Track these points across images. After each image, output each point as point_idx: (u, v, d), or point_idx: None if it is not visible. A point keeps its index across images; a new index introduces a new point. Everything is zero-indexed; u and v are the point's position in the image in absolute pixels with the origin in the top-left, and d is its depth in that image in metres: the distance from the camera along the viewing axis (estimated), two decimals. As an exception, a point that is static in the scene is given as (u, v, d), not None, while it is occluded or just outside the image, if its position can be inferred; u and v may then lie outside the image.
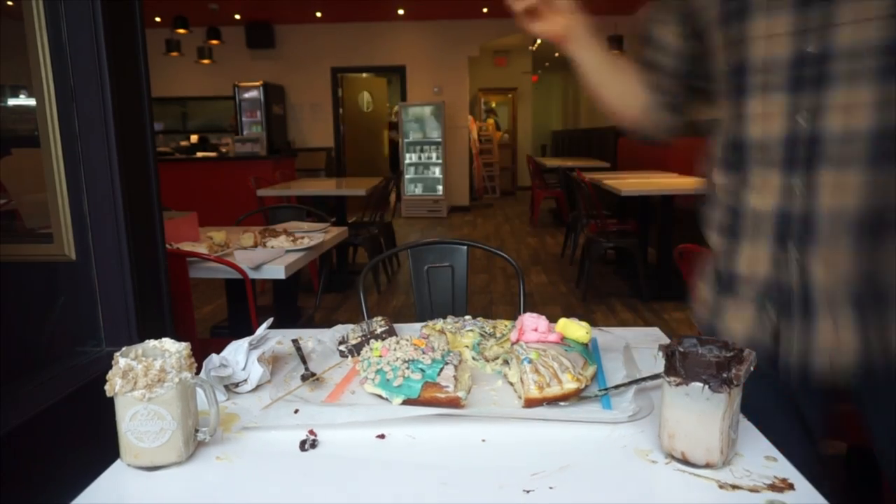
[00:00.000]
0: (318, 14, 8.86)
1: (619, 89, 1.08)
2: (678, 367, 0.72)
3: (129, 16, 1.36)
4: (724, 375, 0.69)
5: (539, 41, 10.43)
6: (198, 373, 0.81)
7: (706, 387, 0.69)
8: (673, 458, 0.74)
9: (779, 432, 0.80)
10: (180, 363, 0.74)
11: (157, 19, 8.39)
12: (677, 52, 1.03)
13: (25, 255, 1.36)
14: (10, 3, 1.32)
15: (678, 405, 0.72)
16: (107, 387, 0.72)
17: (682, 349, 0.72)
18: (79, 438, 1.13)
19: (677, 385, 0.71)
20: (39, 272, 1.36)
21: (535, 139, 13.86)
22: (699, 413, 0.71)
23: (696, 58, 1.00)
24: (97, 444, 0.84)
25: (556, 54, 13.28)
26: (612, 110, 1.10)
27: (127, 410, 0.72)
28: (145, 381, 0.71)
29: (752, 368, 0.72)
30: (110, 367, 0.73)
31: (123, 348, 0.75)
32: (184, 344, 0.79)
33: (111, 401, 0.73)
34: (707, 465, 0.71)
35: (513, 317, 1.09)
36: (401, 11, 8.74)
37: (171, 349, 0.78)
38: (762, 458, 0.74)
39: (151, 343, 0.79)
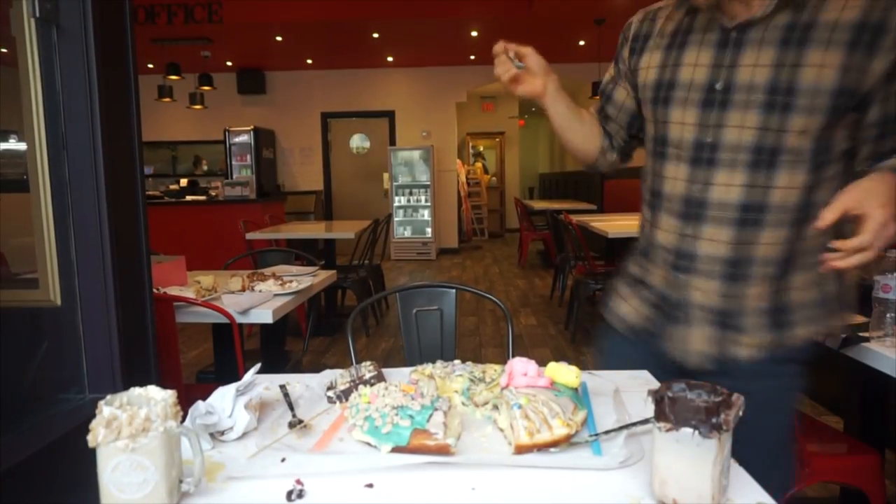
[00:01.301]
0: (309, 61, 9.04)
1: (581, 134, 1.37)
2: (668, 412, 0.71)
3: (122, 63, 1.38)
4: (714, 420, 0.69)
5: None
6: (183, 420, 0.80)
7: (696, 432, 0.69)
8: (665, 504, 0.73)
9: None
10: (166, 412, 0.73)
11: (150, 66, 8.52)
12: (627, 109, 1.34)
13: (9, 300, 1.35)
14: (4, 49, 1.34)
15: (669, 451, 0.71)
16: (89, 437, 0.70)
17: (671, 394, 0.72)
18: (60, 489, 1.10)
19: (667, 431, 0.71)
20: (23, 317, 1.34)
21: (522, 182, 14.02)
22: (690, 459, 0.70)
23: (639, 116, 1.32)
24: (80, 495, 0.82)
25: (542, 100, 13.56)
26: (575, 151, 1.39)
27: (109, 461, 0.70)
28: (129, 431, 0.69)
29: (741, 413, 0.72)
30: (93, 415, 0.71)
31: (108, 396, 0.74)
32: (170, 392, 0.78)
33: (94, 450, 0.72)
34: (699, 512, 0.70)
35: (502, 359, 1.09)
36: (389, 58, 8.94)
37: (156, 397, 0.77)
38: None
39: (137, 391, 0.78)
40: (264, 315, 2.13)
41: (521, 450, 0.85)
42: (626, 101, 1.32)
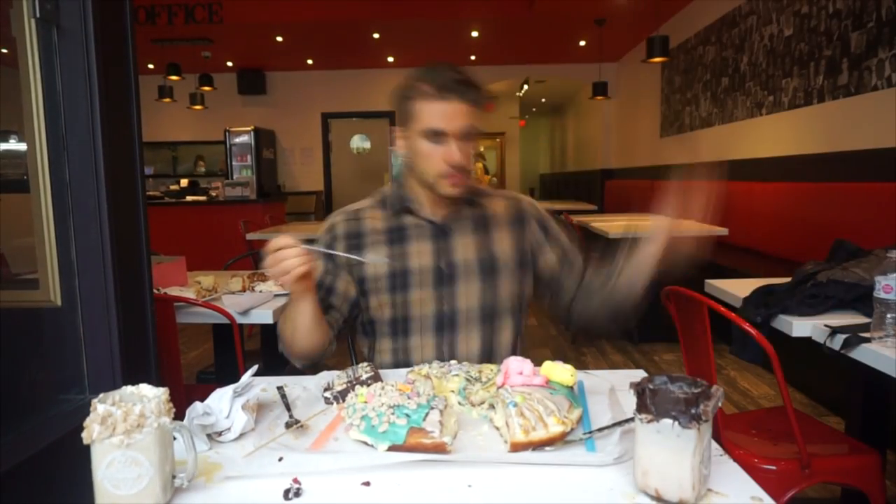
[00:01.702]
0: (310, 61, 9.05)
1: (321, 332, 1.34)
2: (649, 404, 0.73)
3: (122, 64, 1.38)
4: (693, 411, 0.70)
5: (526, 87, 10.68)
6: (177, 419, 0.80)
7: (676, 423, 0.71)
8: (647, 495, 0.74)
9: None
10: (159, 408, 0.73)
11: (151, 66, 8.54)
12: (349, 298, 1.43)
13: (9, 300, 1.35)
14: (4, 50, 1.34)
15: (650, 442, 0.73)
16: (84, 433, 0.71)
17: (651, 386, 0.74)
18: (61, 490, 1.10)
19: (648, 422, 0.73)
20: (23, 318, 1.35)
21: (523, 182, 14.03)
22: (670, 449, 0.72)
23: (357, 303, 1.44)
24: (80, 496, 0.82)
25: (543, 100, 13.58)
26: (311, 350, 1.36)
27: (103, 458, 0.71)
28: (124, 427, 0.70)
29: (719, 404, 0.73)
30: (91, 414, 0.72)
31: (101, 395, 0.75)
32: (162, 389, 0.78)
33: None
34: (680, 502, 0.72)
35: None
36: (390, 59, 8.95)
37: (148, 394, 0.78)
38: (748, 499, 0.74)
39: (129, 389, 0.79)
40: (265, 315, 2.13)
41: (516, 447, 0.85)
42: (349, 289, 1.42)
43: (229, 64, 9.06)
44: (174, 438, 0.79)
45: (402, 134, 1.37)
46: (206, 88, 8.25)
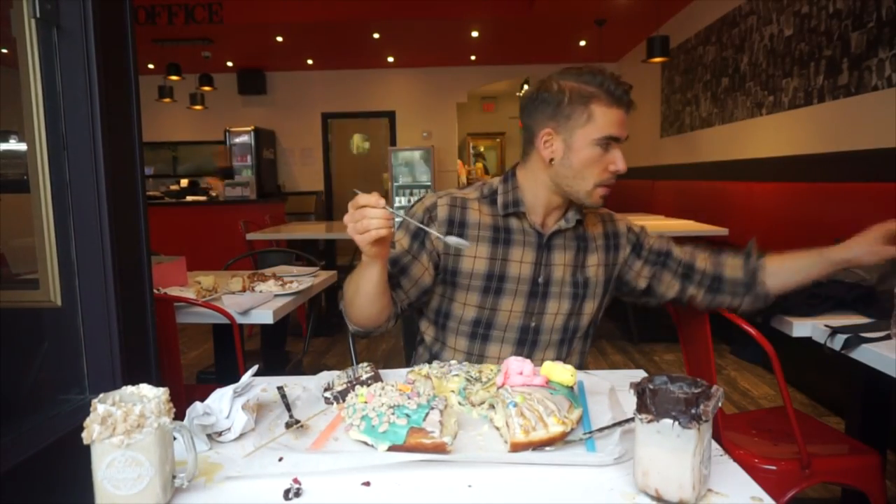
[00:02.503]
0: (310, 61, 9.05)
1: (382, 303, 1.29)
2: (649, 404, 0.73)
3: (122, 64, 1.38)
4: (693, 411, 0.70)
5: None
6: (177, 419, 0.80)
7: (676, 423, 0.71)
8: (647, 495, 0.74)
9: None
10: (159, 408, 0.73)
11: (151, 66, 8.53)
12: (422, 285, 1.37)
13: (10, 301, 1.35)
14: (4, 50, 1.34)
15: (651, 442, 0.73)
16: (84, 434, 0.71)
17: (652, 386, 0.74)
18: (61, 490, 1.10)
19: (648, 422, 0.73)
20: (23, 318, 1.35)
21: (523, 182, 14.00)
22: (671, 449, 0.72)
23: (429, 291, 1.40)
24: (80, 496, 0.82)
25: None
26: (368, 318, 1.31)
27: (104, 458, 0.71)
28: (124, 427, 0.70)
29: (719, 404, 0.73)
30: (91, 414, 0.72)
31: (101, 395, 0.75)
32: (162, 389, 0.78)
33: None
34: (680, 502, 0.72)
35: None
36: (390, 59, 8.94)
37: (148, 394, 0.78)
38: (748, 499, 0.74)
39: (129, 389, 0.79)
40: (265, 316, 2.13)
41: (516, 447, 0.85)
42: (424, 277, 1.36)
43: (229, 64, 9.05)
44: (174, 438, 0.79)
45: (556, 135, 1.30)
46: (206, 88, 8.25)
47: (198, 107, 8.44)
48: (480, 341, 1.39)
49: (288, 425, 0.96)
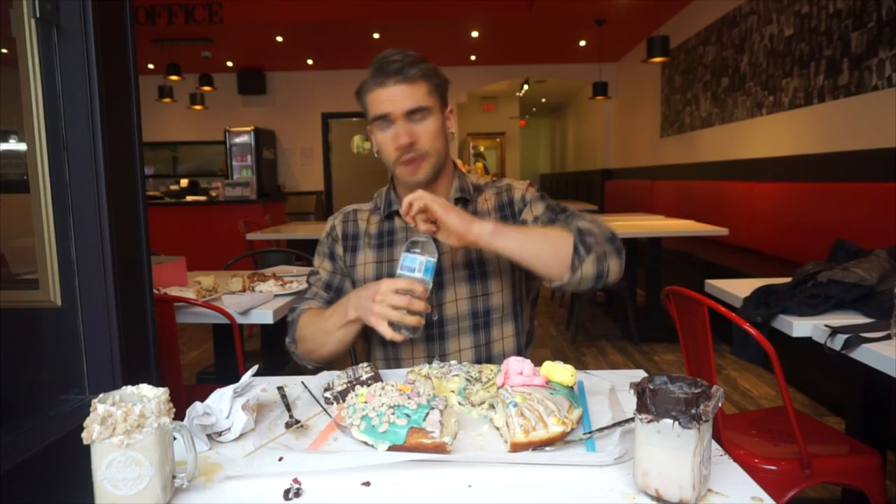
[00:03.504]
0: (310, 61, 9.05)
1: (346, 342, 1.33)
2: (649, 404, 0.73)
3: (122, 64, 1.38)
4: (693, 411, 0.70)
5: (526, 87, 10.68)
6: (177, 419, 0.80)
7: (676, 423, 0.71)
8: (647, 495, 0.74)
9: None
10: (159, 408, 0.73)
11: (151, 66, 8.54)
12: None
13: (10, 301, 1.35)
14: (4, 50, 1.34)
15: (651, 442, 0.73)
16: (84, 434, 0.71)
17: (652, 386, 0.74)
18: (61, 490, 1.10)
19: (649, 422, 0.73)
20: (23, 318, 1.35)
21: (523, 182, 14.00)
22: (671, 450, 0.71)
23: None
24: (80, 496, 0.82)
25: (543, 100, 13.57)
26: (332, 351, 1.34)
27: (103, 458, 0.71)
28: (125, 427, 0.70)
29: (719, 404, 0.73)
30: (91, 414, 0.72)
31: (101, 395, 0.75)
32: (162, 389, 0.78)
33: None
34: (680, 502, 0.72)
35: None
36: (390, 59, 8.92)
37: (148, 395, 0.78)
38: (748, 499, 0.74)
39: (129, 389, 0.79)
40: (265, 316, 2.13)
41: (516, 447, 0.85)
42: (336, 279, 1.43)
43: (229, 64, 9.06)
44: (174, 438, 0.79)
45: (370, 134, 1.36)
46: (206, 88, 8.26)
47: (198, 107, 8.45)
48: (391, 345, 1.37)
49: (288, 425, 0.96)
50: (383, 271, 1.38)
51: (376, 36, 7.56)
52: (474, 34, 7.55)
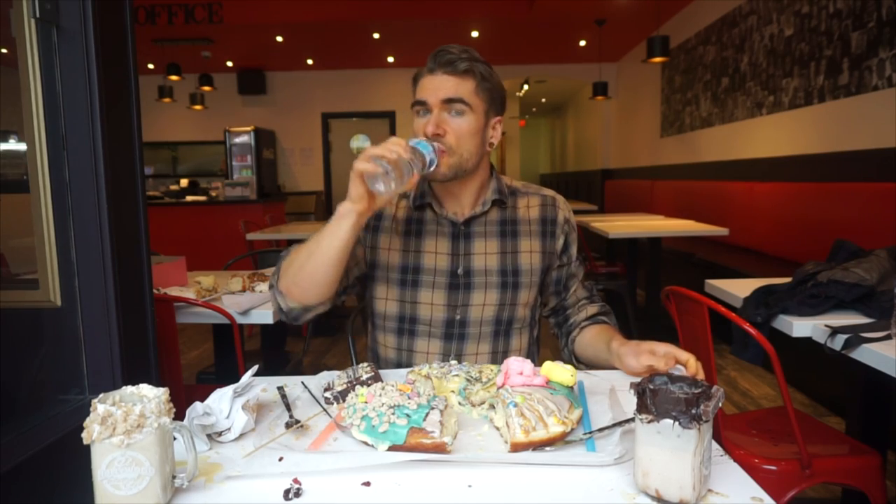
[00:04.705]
0: (310, 61, 9.05)
1: (336, 272, 1.22)
2: (649, 404, 0.73)
3: (122, 64, 1.38)
4: (694, 411, 0.70)
5: (526, 87, 10.68)
6: (177, 419, 0.80)
7: (676, 423, 0.71)
8: (647, 495, 0.74)
9: None
10: (160, 408, 0.73)
11: (150, 66, 8.54)
12: (361, 267, 1.38)
13: (9, 301, 1.35)
14: (4, 50, 1.34)
15: (651, 442, 0.73)
16: (84, 434, 0.71)
17: (652, 386, 0.74)
18: (60, 490, 1.10)
19: (649, 422, 0.73)
20: (23, 319, 1.35)
21: (523, 182, 14.02)
22: (671, 450, 0.72)
23: (362, 279, 1.40)
24: (80, 496, 0.82)
25: (543, 100, 13.58)
26: (316, 286, 1.24)
27: (103, 458, 0.71)
28: (125, 427, 0.70)
29: (720, 404, 0.73)
30: (91, 414, 0.72)
31: (101, 395, 0.75)
32: (162, 389, 0.78)
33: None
34: (680, 502, 0.72)
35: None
36: (390, 59, 8.94)
37: (148, 395, 0.78)
38: (749, 499, 0.74)
39: (129, 389, 0.79)
40: (265, 316, 2.13)
41: (516, 447, 0.85)
42: (360, 262, 1.37)
43: (229, 64, 9.06)
44: (174, 438, 0.79)
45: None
46: (206, 88, 8.25)
47: (198, 107, 8.45)
48: (408, 336, 1.35)
49: (288, 425, 0.96)
50: (409, 262, 1.34)
51: (376, 36, 7.56)
52: (474, 34, 7.55)
